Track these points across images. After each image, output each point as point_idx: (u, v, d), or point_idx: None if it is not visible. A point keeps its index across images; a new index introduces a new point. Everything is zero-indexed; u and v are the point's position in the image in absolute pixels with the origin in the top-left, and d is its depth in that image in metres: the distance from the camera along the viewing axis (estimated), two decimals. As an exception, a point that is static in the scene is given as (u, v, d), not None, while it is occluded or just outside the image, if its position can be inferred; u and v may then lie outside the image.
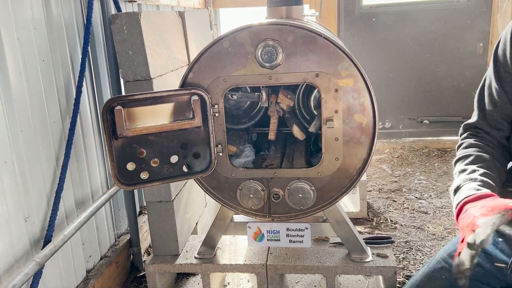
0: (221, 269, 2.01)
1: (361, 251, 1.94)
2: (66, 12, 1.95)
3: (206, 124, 1.74)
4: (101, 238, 2.23)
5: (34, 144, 1.69)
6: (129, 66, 1.85)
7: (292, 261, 1.96)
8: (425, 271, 1.52)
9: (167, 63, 2.07)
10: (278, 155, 2.03)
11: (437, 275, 1.48)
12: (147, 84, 1.87)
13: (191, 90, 1.71)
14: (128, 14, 1.80)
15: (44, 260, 1.53)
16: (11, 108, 1.55)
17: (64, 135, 1.88)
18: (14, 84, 1.57)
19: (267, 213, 1.90)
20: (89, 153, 2.10)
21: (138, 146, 1.66)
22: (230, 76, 1.73)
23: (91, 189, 2.13)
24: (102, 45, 2.25)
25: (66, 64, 1.93)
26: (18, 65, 1.60)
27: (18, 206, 1.59)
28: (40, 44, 1.74)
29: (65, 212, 1.89)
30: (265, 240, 1.98)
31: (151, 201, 2.04)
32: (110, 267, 2.21)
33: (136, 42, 1.82)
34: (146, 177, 1.70)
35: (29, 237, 1.65)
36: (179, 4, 3.46)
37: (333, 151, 1.75)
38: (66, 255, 1.89)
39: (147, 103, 1.65)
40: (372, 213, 3.13)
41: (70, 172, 1.92)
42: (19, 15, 1.62)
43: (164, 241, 2.08)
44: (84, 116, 2.06)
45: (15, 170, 1.57)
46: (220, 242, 2.11)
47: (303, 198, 1.81)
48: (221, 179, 1.86)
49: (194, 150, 1.76)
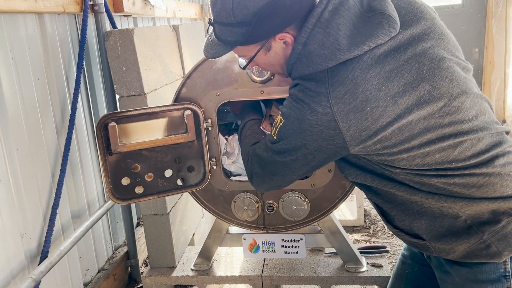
0: (217, 281, 2.02)
1: (355, 261, 1.96)
2: (61, 28, 1.98)
3: (200, 138, 1.76)
4: (99, 251, 2.25)
5: (30, 161, 1.71)
6: (123, 82, 1.88)
7: (287, 272, 1.98)
8: (393, 271, 1.61)
9: (161, 77, 2.09)
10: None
11: (400, 272, 1.55)
12: (141, 99, 1.89)
13: (184, 105, 1.73)
14: (122, 31, 1.83)
15: (40, 277, 1.55)
16: (6, 127, 1.58)
17: (59, 151, 1.91)
18: (9, 103, 1.60)
19: (261, 225, 1.91)
20: (85, 168, 2.13)
21: (132, 161, 1.68)
22: (223, 91, 1.75)
23: (88, 203, 2.15)
24: (97, 61, 2.28)
25: (61, 81, 1.96)
26: (12, 84, 1.62)
27: (14, 222, 1.61)
28: (35, 62, 1.77)
29: (61, 227, 1.91)
30: (261, 251, 1.99)
31: (147, 214, 2.06)
32: (108, 280, 2.23)
33: (129, 58, 1.84)
34: (141, 192, 1.72)
35: (26, 253, 1.67)
36: (175, 15, 3.49)
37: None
38: (63, 269, 1.90)
39: (141, 119, 1.68)
40: (369, 220, 3.14)
41: (66, 186, 1.94)
42: (13, 35, 1.65)
43: (161, 254, 2.09)
44: (79, 131, 2.09)
45: (11, 187, 1.60)
46: (216, 253, 2.13)
47: (296, 210, 1.83)
48: (216, 192, 1.88)
49: (188, 164, 1.78)
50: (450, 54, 1.17)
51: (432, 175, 1.16)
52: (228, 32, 1.18)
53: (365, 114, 1.08)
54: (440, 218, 1.22)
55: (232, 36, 1.18)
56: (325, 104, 1.10)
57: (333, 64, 1.10)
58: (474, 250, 1.20)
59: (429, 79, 1.11)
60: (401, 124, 1.09)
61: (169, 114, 1.71)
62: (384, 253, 2.06)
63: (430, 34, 1.16)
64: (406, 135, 1.11)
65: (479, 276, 1.22)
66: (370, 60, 1.09)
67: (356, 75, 1.09)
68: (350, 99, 1.08)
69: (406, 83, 1.09)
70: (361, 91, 1.08)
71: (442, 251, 1.25)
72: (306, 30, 1.13)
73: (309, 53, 1.13)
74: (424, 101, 1.10)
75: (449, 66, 1.15)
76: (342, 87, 1.09)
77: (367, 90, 1.08)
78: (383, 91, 1.08)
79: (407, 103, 1.09)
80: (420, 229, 1.26)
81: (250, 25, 1.13)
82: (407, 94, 1.09)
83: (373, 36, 1.09)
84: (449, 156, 1.13)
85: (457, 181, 1.16)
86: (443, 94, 1.11)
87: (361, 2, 1.15)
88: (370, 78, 1.08)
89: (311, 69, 1.13)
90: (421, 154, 1.13)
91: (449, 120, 1.12)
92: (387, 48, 1.11)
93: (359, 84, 1.08)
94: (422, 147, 1.12)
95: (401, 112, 1.09)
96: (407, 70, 1.10)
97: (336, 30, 1.10)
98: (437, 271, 1.35)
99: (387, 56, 1.10)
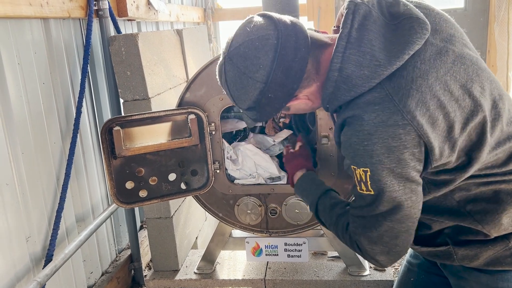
0: (220, 284, 2.03)
1: (358, 265, 1.96)
2: (66, 33, 2.00)
3: (203, 142, 1.78)
4: (102, 254, 2.26)
5: (35, 165, 1.72)
6: (128, 87, 1.89)
7: (290, 276, 1.99)
8: (398, 278, 1.57)
9: (165, 81, 2.11)
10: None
11: (406, 279, 1.52)
12: (145, 103, 1.91)
13: (188, 109, 1.74)
14: (126, 36, 1.84)
15: (45, 280, 1.56)
16: (12, 131, 1.60)
17: (64, 155, 1.92)
18: (15, 108, 1.61)
19: (264, 229, 1.92)
20: (89, 171, 2.14)
21: (136, 165, 1.70)
22: (226, 95, 1.76)
23: (92, 206, 2.16)
24: (102, 66, 2.29)
25: (66, 85, 1.98)
26: (18, 89, 1.64)
27: (19, 226, 1.62)
28: (40, 67, 1.78)
29: (66, 230, 1.93)
30: (264, 255, 2.00)
31: (151, 217, 2.07)
32: (111, 283, 2.24)
33: (134, 63, 1.86)
34: (145, 195, 1.74)
35: (31, 256, 1.68)
36: (178, 20, 3.51)
37: (329, 166, 1.78)
38: (67, 272, 1.91)
39: (145, 123, 1.69)
40: (372, 224, 3.14)
41: (70, 190, 1.95)
42: (20, 40, 1.66)
43: (164, 257, 2.10)
44: (84, 135, 2.10)
45: (16, 191, 1.61)
46: (219, 257, 2.14)
47: (299, 214, 1.84)
48: (219, 196, 1.89)
49: (191, 168, 1.79)
50: (474, 52, 1.15)
51: (481, 184, 1.14)
52: (245, 114, 1.26)
53: (440, 123, 1.02)
54: (467, 233, 1.19)
55: (250, 116, 1.25)
56: (402, 122, 1.00)
57: (375, 82, 1.04)
58: (498, 257, 1.17)
59: (476, 80, 1.07)
60: (469, 128, 1.06)
61: (173, 118, 1.72)
62: (386, 257, 2.06)
63: (455, 35, 1.12)
64: (474, 140, 1.07)
65: (501, 284, 1.19)
66: (424, 66, 1.04)
67: (419, 83, 1.02)
68: (424, 110, 1.01)
69: (460, 86, 1.05)
70: (429, 99, 1.02)
71: (465, 258, 1.21)
72: (338, 55, 1.07)
73: (347, 77, 1.06)
74: (479, 103, 1.06)
75: (485, 68, 1.12)
76: (411, 99, 1.01)
77: (435, 97, 1.02)
78: (447, 96, 1.04)
79: (469, 107, 1.05)
80: (445, 232, 1.23)
81: (256, 109, 1.18)
82: (466, 97, 1.05)
83: (409, 43, 1.04)
84: (498, 161, 1.12)
85: (504, 188, 1.13)
86: (490, 95, 1.09)
87: (381, 11, 1.10)
88: (432, 85, 1.03)
89: (353, 93, 1.06)
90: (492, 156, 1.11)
91: (501, 123, 1.10)
92: (431, 53, 1.06)
93: (425, 93, 1.02)
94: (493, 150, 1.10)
95: (468, 116, 1.05)
96: (458, 72, 1.06)
97: (370, 47, 1.05)
98: (452, 278, 1.30)
99: (436, 61, 1.06)
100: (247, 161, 1.86)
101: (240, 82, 1.14)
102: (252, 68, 1.10)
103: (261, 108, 1.17)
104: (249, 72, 1.11)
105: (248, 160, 1.86)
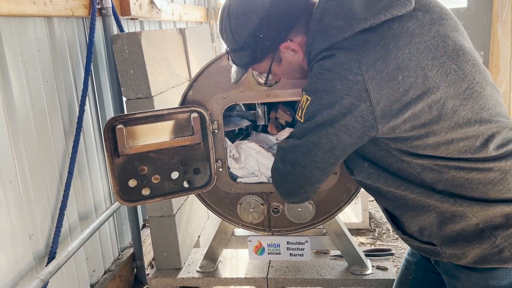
0: (222, 283, 2.03)
1: (361, 263, 1.96)
2: (69, 32, 2.00)
3: (206, 140, 1.78)
4: (105, 252, 2.27)
5: (38, 163, 1.73)
6: (131, 85, 1.90)
7: (292, 274, 1.99)
8: (397, 276, 1.59)
9: (167, 80, 2.11)
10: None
11: (405, 277, 1.54)
12: (148, 102, 1.91)
13: (191, 108, 1.74)
14: (129, 35, 1.85)
15: (48, 277, 1.57)
16: (15, 129, 1.60)
17: (67, 153, 1.93)
18: (18, 106, 1.62)
19: (267, 227, 1.92)
20: (92, 169, 2.15)
21: (139, 163, 1.70)
22: (229, 94, 1.77)
23: (95, 204, 2.17)
24: (105, 64, 2.30)
25: (69, 84, 1.98)
26: (22, 87, 1.65)
27: (23, 223, 1.63)
28: (44, 65, 1.79)
29: (69, 228, 1.93)
30: (266, 253, 2.00)
31: (153, 215, 2.07)
32: (114, 281, 2.24)
33: (137, 61, 1.86)
34: (147, 194, 1.74)
35: (34, 254, 1.68)
36: (181, 19, 3.51)
37: (331, 165, 1.77)
38: (70, 270, 1.92)
39: (148, 121, 1.69)
40: (374, 223, 3.14)
41: (73, 188, 1.96)
42: (23, 38, 1.67)
43: (167, 255, 2.11)
44: (87, 133, 2.11)
45: (19, 188, 1.61)
46: (222, 255, 2.14)
47: (302, 212, 1.84)
48: (221, 194, 1.89)
49: (194, 166, 1.79)
50: (467, 43, 1.17)
51: (452, 167, 1.13)
52: (238, 57, 1.32)
53: (396, 84, 1.05)
54: (452, 222, 1.20)
55: (242, 59, 1.32)
56: (356, 71, 1.06)
57: (349, 34, 1.08)
58: (486, 255, 1.18)
59: (454, 58, 1.10)
60: (430, 101, 1.07)
61: (176, 116, 1.73)
62: (389, 256, 2.06)
63: (448, 20, 1.15)
64: (435, 114, 1.08)
65: (491, 282, 1.20)
66: (400, 30, 1.08)
67: (387, 42, 1.07)
68: (382, 66, 1.05)
69: (434, 57, 1.08)
70: (393, 58, 1.06)
71: (453, 257, 1.23)
72: (320, 5, 1.16)
73: (324, 27, 1.13)
74: (450, 79, 1.08)
75: (470, 52, 1.14)
76: (374, 53, 1.06)
77: (399, 58, 1.06)
78: (414, 61, 1.06)
79: (436, 78, 1.07)
80: (432, 235, 1.24)
81: (251, 46, 1.24)
82: (435, 69, 1.07)
83: (388, 6, 1.08)
84: (472, 146, 1.11)
85: (475, 176, 1.13)
86: (467, 76, 1.10)
87: None
88: (401, 47, 1.07)
89: (327, 42, 1.12)
90: (446, 141, 1.11)
91: (472, 104, 1.10)
92: (413, 24, 1.10)
93: (391, 51, 1.06)
94: (449, 132, 1.10)
95: (430, 86, 1.07)
96: (435, 46, 1.09)
97: (350, 2, 1.11)
98: (445, 277, 1.32)
99: (415, 30, 1.09)
100: (250, 160, 1.86)
101: (242, 6, 1.21)
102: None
103: (255, 46, 1.23)
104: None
105: (250, 159, 1.86)
